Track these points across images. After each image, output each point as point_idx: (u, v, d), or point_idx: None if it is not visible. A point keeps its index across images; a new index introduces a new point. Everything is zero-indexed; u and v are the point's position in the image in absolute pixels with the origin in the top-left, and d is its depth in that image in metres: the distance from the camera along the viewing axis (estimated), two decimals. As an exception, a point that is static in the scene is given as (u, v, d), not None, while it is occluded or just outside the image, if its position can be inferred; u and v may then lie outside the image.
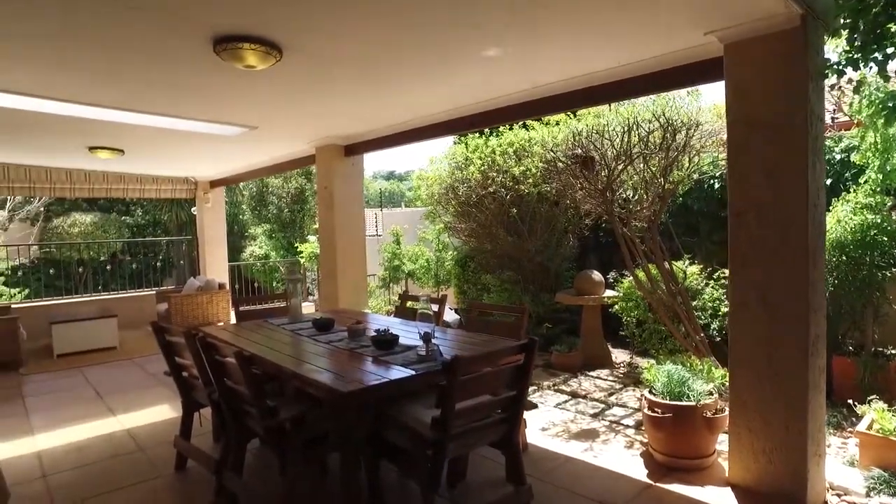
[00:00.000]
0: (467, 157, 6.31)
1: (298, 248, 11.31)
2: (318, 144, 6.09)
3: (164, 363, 5.97)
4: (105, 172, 8.44)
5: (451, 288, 10.29)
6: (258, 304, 4.83)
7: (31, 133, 5.60)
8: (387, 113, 4.96)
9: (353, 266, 6.06)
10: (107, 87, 4.00)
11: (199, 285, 8.10)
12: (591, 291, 6.00)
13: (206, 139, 5.90)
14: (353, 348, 3.19)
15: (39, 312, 7.81)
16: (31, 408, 4.90)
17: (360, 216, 6.25)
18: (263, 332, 3.79)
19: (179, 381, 3.49)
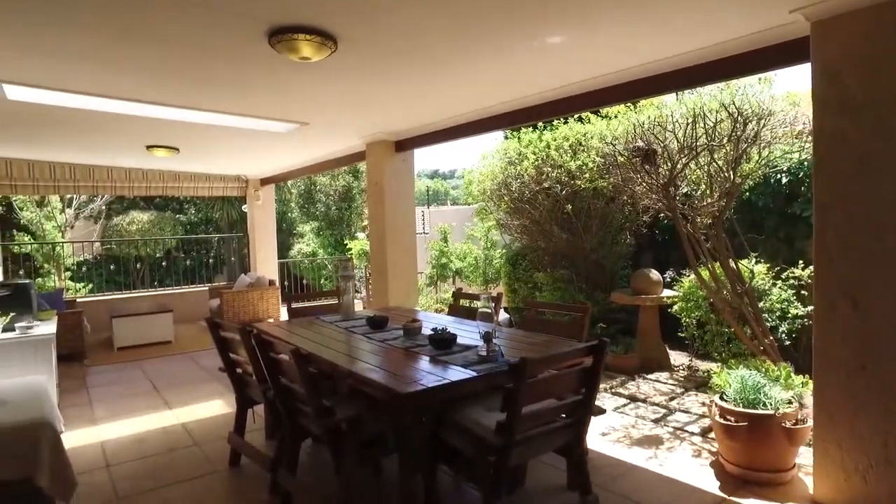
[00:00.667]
0: (520, 152, 6.14)
1: (347, 246, 11.37)
2: (369, 140, 6.04)
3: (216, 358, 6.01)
4: (161, 171, 8.67)
5: (499, 286, 10.15)
6: (309, 300, 4.80)
7: (95, 133, 5.76)
8: (439, 107, 4.86)
9: (404, 263, 5.99)
10: (164, 85, 4.04)
11: (249, 282, 8.22)
12: (649, 291, 5.75)
13: (258, 136, 5.94)
14: (409, 347, 3.09)
15: (101, 307, 8.08)
16: (94, 398, 5.04)
17: (411, 212, 6.17)
18: (316, 330, 3.74)
19: (234, 377, 3.48)
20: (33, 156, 7.58)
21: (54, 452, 2.95)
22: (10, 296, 4.02)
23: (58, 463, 2.95)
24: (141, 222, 14.83)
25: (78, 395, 5.12)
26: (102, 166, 8.23)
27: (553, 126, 6.15)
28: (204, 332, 8.05)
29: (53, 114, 4.87)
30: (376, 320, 3.63)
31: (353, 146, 6.51)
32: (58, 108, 4.61)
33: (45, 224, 11.69)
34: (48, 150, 7.16)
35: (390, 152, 6.00)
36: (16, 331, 3.92)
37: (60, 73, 3.73)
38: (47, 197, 11.74)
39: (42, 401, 3.32)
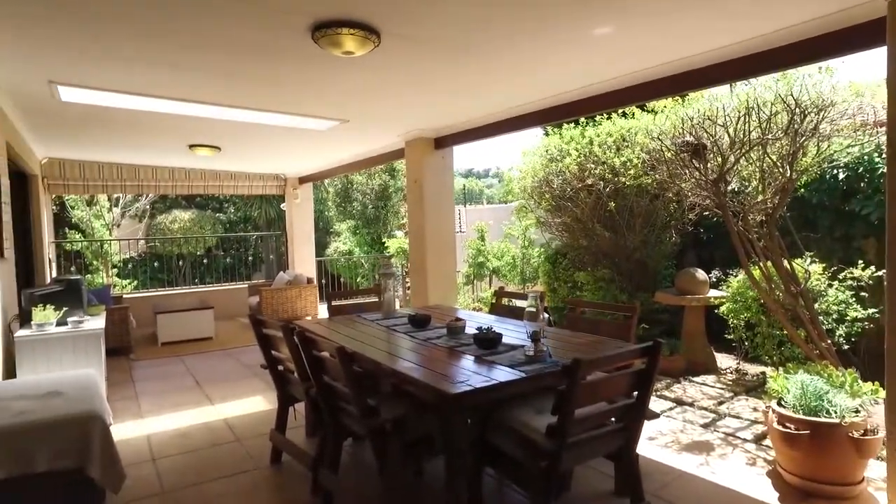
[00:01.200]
0: (562, 148, 6.01)
1: (385, 244, 11.39)
2: (408, 138, 6.01)
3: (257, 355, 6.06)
4: (202, 170, 8.83)
5: (537, 285, 10.01)
6: (350, 298, 4.79)
7: (142, 132, 5.89)
8: (480, 102, 4.78)
9: (443, 261, 5.94)
10: (209, 84, 4.07)
11: (288, 279, 8.29)
12: (695, 291, 5.56)
13: (298, 134, 5.97)
14: (453, 346, 3.03)
15: (145, 303, 8.28)
16: (140, 392, 5.14)
17: (450, 210, 6.12)
18: (358, 328, 3.72)
19: (275, 374, 3.48)
20: (84, 156, 7.82)
21: (105, 444, 2.99)
22: (63, 291, 4.12)
23: (108, 455, 2.99)
24: (182, 221, 15.18)
25: (125, 389, 5.24)
26: (147, 166, 8.44)
27: (595, 121, 6.00)
28: (243, 328, 8.17)
29: (103, 114, 4.99)
30: (419, 319, 3.58)
31: (392, 144, 6.49)
32: (108, 108, 4.72)
33: (94, 222, 12.07)
34: (97, 151, 7.37)
35: (429, 149, 5.95)
36: (68, 325, 4.01)
37: (112, 74, 3.81)
38: (96, 196, 12.12)
39: (93, 394, 3.38)
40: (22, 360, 3.85)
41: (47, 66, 3.72)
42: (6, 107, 4.60)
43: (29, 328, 3.98)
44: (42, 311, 3.92)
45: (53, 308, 3.97)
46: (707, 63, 3.57)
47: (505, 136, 5.70)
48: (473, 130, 5.58)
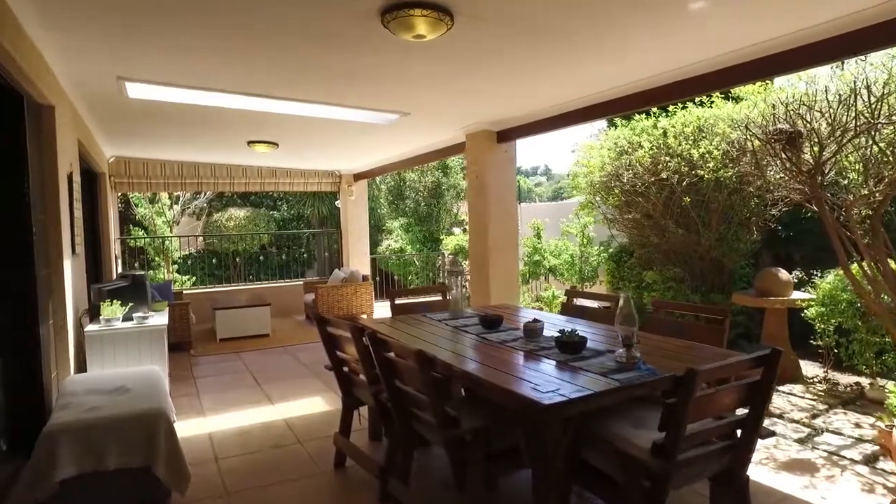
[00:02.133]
0: (632, 140, 5.67)
1: (442, 241, 11.23)
2: (469, 131, 5.80)
3: (314, 354, 5.97)
4: (259, 167, 8.88)
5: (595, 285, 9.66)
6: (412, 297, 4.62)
7: (203, 129, 5.90)
8: (550, 92, 4.52)
9: (506, 259, 5.70)
10: (273, 77, 3.99)
11: (343, 277, 8.23)
12: (777, 292, 5.14)
13: (357, 129, 5.86)
14: (532, 350, 2.80)
15: (204, 298, 8.38)
16: (201, 388, 5.12)
17: (513, 206, 5.88)
18: (425, 328, 3.53)
19: (340, 376, 3.33)
20: (147, 155, 7.97)
21: (170, 443, 2.92)
22: (129, 287, 4.12)
23: (173, 453, 2.92)
24: (238, 218, 15.45)
25: (186, 385, 5.23)
26: (207, 163, 8.54)
27: (669, 112, 5.63)
28: (299, 326, 8.15)
29: (167, 111, 5.00)
30: (490, 319, 3.37)
31: (452, 138, 6.30)
32: (171, 104, 4.71)
33: (156, 219, 12.40)
34: (160, 149, 7.49)
35: (491, 143, 5.73)
36: (133, 320, 4.00)
37: (177, 67, 3.78)
38: (158, 194, 12.45)
39: (158, 391, 3.33)
40: (91, 354, 3.85)
41: (116, 62, 3.71)
42: (78, 105, 4.65)
43: (97, 323, 3.98)
44: (109, 305, 3.91)
45: (120, 303, 3.96)
46: (799, 44, 3.22)
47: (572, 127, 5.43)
48: (539, 123, 5.32)
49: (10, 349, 3.28)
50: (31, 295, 3.30)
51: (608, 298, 4.06)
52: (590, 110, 4.80)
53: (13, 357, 3.29)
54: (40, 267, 3.40)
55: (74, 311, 4.01)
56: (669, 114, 5.60)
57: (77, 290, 4.11)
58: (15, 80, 3.03)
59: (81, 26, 3.02)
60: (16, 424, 3.31)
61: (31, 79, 3.10)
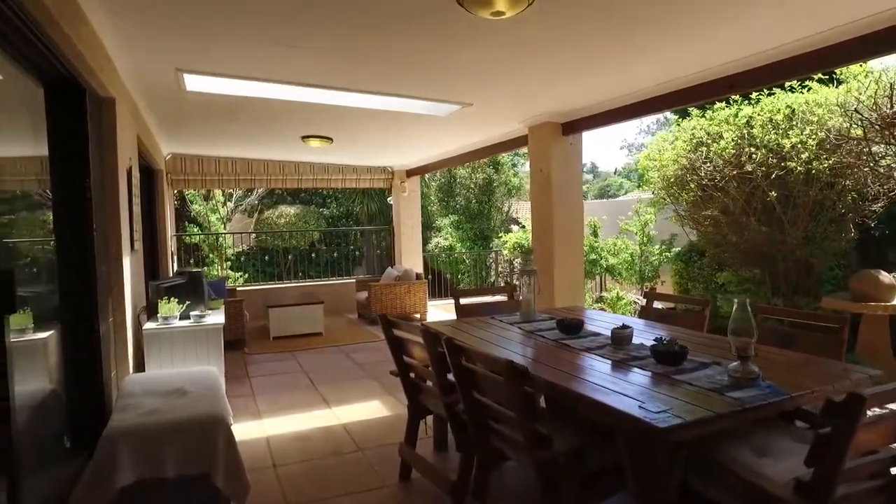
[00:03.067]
0: (710, 131, 5.25)
1: (501, 238, 10.96)
2: (532, 123, 5.50)
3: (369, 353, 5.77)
4: (311, 164, 8.80)
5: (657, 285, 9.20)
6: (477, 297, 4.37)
7: (258, 123, 5.81)
8: (621, 80, 4.18)
9: (571, 258, 5.38)
10: (331, 66, 3.81)
11: (397, 275, 8.05)
12: (877, 297, 4.64)
13: (414, 122, 5.65)
14: (623, 360, 2.50)
15: (256, 296, 8.36)
16: (256, 389, 5.01)
17: (579, 202, 5.55)
18: (496, 332, 3.27)
19: (407, 382, 3.10)
20: (202, 151, 7.99)
21: (229, 450, 2.76)
22: (185, 284, 4.02)
23: (232, 461, 2.76)
24: (288, 216, 15.56)
25: (241, 385, 5.13)
26: (260, 160, 8.52)
27: (751, 99, 5.18)
28: (352, 324, 8.02)
29: (224, 104, 4.91)
30: (569, 323, 3.08)
31: (512, 131, 6.01)
32: (228, 97, 4.61)
33: (210, 216, 12.57)
34: (215, 146, 7.48)
35: (556, 135, 5.41)
36: (190, 319, 3.89)
37: (236, 56, 3.65)
38: (212, 191, 12.62)
39: (215, 393, 3.18)
40: (149, 352, 3.75)
41: (175, 53, 3.62)
42: (137, 99, 4.59)
43: (155, 321, 3.89)
44: (167, 303, 3.81)
45: (177, 301, 3.85)
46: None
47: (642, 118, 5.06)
48: (608, 113, 4.97)
49: (71, 347, 3.20)
50: (91, 292, 3.21)
51: (695, 302, 3.70)
52: (665, 99, 4.43)
53: (75, 355, 3.21)
54: (100, 263, 3.30)
55: (133, 309, 3.93)
56: (752, 101, 5.15)
57: (135, 287, 4.04)
58: (78, 71, 2.93)
59: (143, 10, 2.90)
60: (78, 422, 3.23)
61: (93, 70, 3.00)
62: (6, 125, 2.94)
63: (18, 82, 2.81)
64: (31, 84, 2.91)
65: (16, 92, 2.93)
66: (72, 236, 3.14)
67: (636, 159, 6.63)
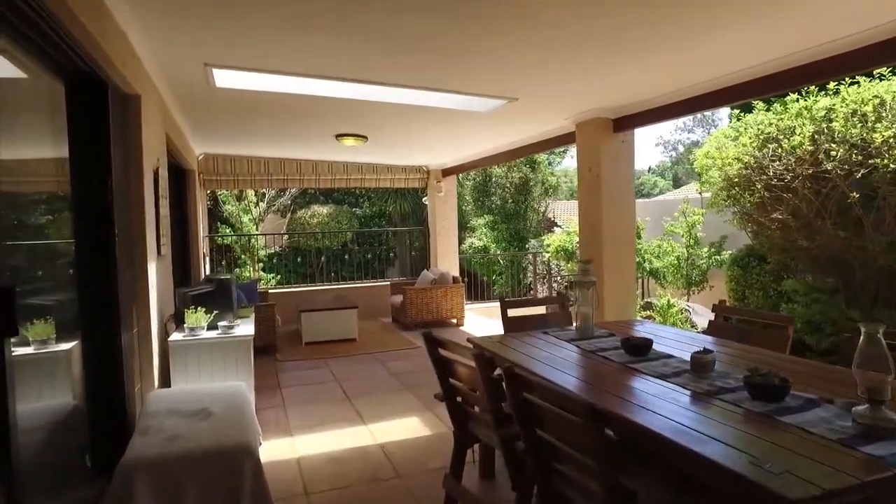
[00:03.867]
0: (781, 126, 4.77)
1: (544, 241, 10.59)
2: (581, 119, 5.12)
3: (404, 362, 5.47)
4: (345, 163, 8.57)
5: (703, 290, 8.72)
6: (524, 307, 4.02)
7: (291, 121, 5.58)
8: (681, 71, 3.79)
9: (622, 265, 4.99)
10: (368, 58, 3.52)
11: (433, 278, 7.75)
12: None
13: (454, 119, 5.33)
14: (710, 392, 2.13)
15: (288, 298, 8.16)
16: (287, 399, 4.76)
17: (631, 204, 5.15)
18: (551, 351, 2.92)
19: (453, 407, 2.78)
20: (234, 151, 7.83)
21: (256, 483, 2.48)
22: (214, 292, 3.77)
23: (260, 496, 2.48)
24: (321, 215, 15.44)
25: (272, 395, 4.89)
26: (292, 159, 8.32)
27: (828, 90, 4.68)
28: (386, 329, 7.75)
29: (255, 101, 4.69)
30: (636, 343, 2.71)
31: (558, 128, 5.63)
32: (260, 93, 4.37)
33: (242, 217, 12.48)
34: (247, 145, 7.30)
35: (607, 132, 5.02)
36: (218, 329, 3.65)
37: (267, 49, 3.39)
38: (244, 191, 12.53)
39: (243, 416, 2.91)
40: (175, 364, 3.52)
41: (203, 47, 3.39)
42: (166, 97, 4.39)
43: (181, 331, 3.66)
44: (193, 313, 3.57)
45: (204, 311, 3.61)
46: None
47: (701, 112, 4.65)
48: (663, 109, 4.56)
49: (92, 359, 2.97)
50: (112, 300, 2.98)
51: (776, 318, 3.29)
52: (731, 91, 4.01)
53: (96, 368, 2.98)
54: (123, 270, 3.07)
55: (159, 318, 3.71)
56: (829, 92, 4.65)
57: (162, 294, 3.82)
58: (99, 66, 2.70)
59: (168, 2, 2.67)
60: (100, 440, 3.01)
61: (116, 65, 2.76)
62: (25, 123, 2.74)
63: (37, 78, 2.60)
64: (51, 79, 2.69)
65: (34, 88, 2.73)
66: (92, 240, 2.91)
67: (693, 157, 6.17)
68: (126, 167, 3.32)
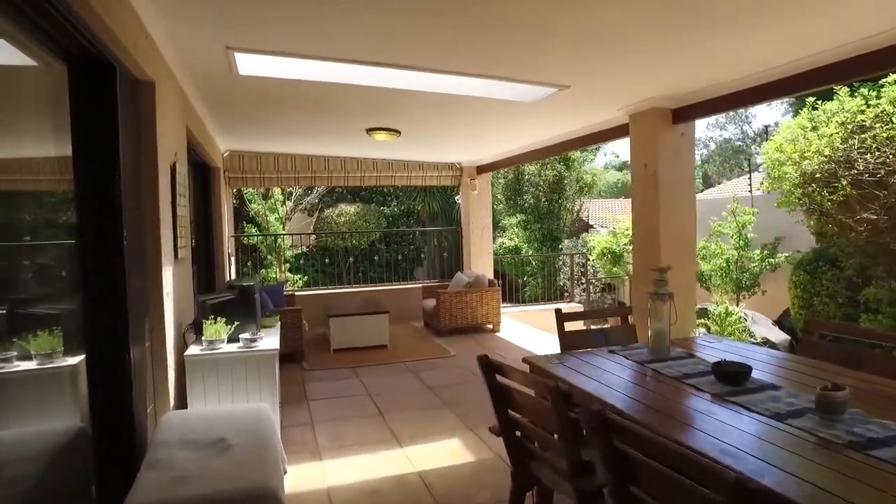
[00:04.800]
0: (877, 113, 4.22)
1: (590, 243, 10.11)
2: (636, 110, 4.64)
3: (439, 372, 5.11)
4: (375, 160, 8.21)
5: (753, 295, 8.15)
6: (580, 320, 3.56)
7: (318, 114, 5.22)
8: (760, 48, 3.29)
9: (682, 273, 4.47)
10: (406, 39, 3.11)
11: (467, 281, 7.32)
12: None
13: (495, 111, 4.90)
14: (856, 445, 1.66)
15: (315, 301, 7.82)
16: (315, 415, 4.39)
17: (691, 204, 4.65)
18: (623, 375, 2.48)
19: (512, 444, 2.35)
20: (261, 148, 7.53)
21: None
22: (235, 301, 3.40)
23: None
24: (348, 214, 15.14)
25: (299, 410, 4.53)
26: (320, 156, 8.00)
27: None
28: (419, 335, 7.34)
29: (281, 92, 4.33)
30: (731, 371, 2.25)
31: (608, 120, 5.15)
32: (286, 82, 4.01)
33: (269, 216, 12.22)
34: (274, 141, 6.98)
35: (666, 124, 4.53)
36: (239, 342, 3.28)
37: (293, 34, 3.03)
38: (271, 190, 12.26)
39: (266, 445, 2.53)
40: (191, 383, 3.17)
41: (225, 28, 3.04)
42: (187, 87, 4.05)
43: (199, 343, 3.30)
44: (213, 324, 3.21)
45: (225, 321, 3.25)
46: None
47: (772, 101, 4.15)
48: (727, 97, 4.07)
49: (99, 377, 2.63)
50: (119, 311, 2.62)
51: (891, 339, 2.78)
52: (816, 74, 3.50)
53: (103, 387, 2.64)
54: (133, 276, 2.72)
55: (176, 328, 3.36)
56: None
57: (180, 302, 3.47)
58: (104, 45, 2.33)
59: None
60: (107, 467, 2.67)
61: (123, 44, 2.40)
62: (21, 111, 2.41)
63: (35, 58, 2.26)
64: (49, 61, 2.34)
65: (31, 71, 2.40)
66: (97, 244, 2.56)
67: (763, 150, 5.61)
68: (138, 162, 2.97)
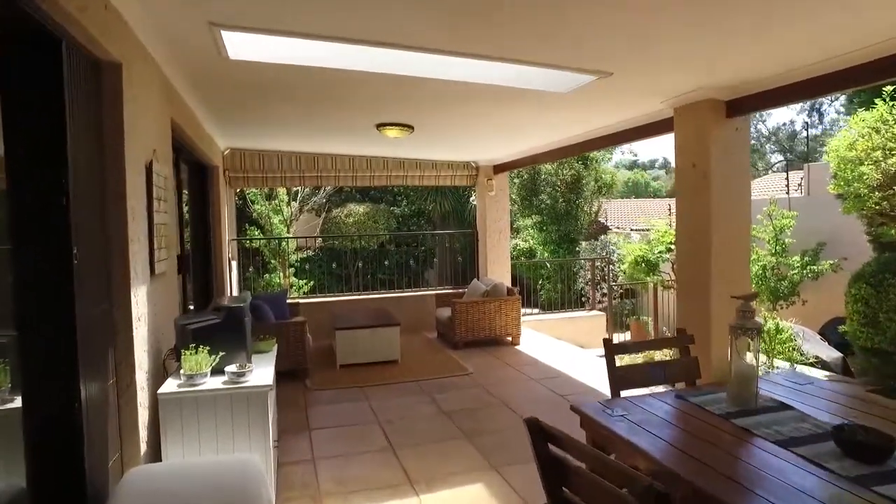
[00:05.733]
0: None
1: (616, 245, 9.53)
2: (682, 102, 4.07)
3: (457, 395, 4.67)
4: (385, 158, 7.69)
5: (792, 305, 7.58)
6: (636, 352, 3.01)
7: (323, 107, 4.70)
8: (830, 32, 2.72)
9: (735, 286, 3.89)
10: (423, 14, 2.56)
11: (484, 289, 6.76)
12: None
13: (522, 102, 4.36)
14: None
15: (321, 309, 7.32)
16: (317, 449, 3.86)
17: (746, 209, 4.07)
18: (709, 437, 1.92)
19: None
20: (263, 145, 7.03)
21: None
22: (221, 325, 2.87)
23: None
24: (357, 214, 14.64)
25: (300, 440, 4.00)
26: (327, 154, 7.49)
27: None
28: (432, 348, 6.79)
29: (280, 81, 3.82)
30: (864, 443, 1.68)
31: (650, 113, 4.57)
32: (285, 69, 3.49)
33: (272, 217, 11.70)
34: (276, 138, 6.47)
35: (718, 117, 3.95)
36: (225, 375, 2.74)
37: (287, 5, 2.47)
38: (275, 190, 11.75)
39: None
40: (166, 427, 2.64)
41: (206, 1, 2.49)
42: (172, 74, 3.53)
43: (177, 377, 2.77)
44: (192, 354, 2.68)
45: (208, 350, 2.71)
46: None
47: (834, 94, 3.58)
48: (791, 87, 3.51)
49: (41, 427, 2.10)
50: (69, 343, 2.09)
51: None
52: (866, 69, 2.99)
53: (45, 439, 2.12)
54: (87, 302, 2.19)
55: (153, 358, 2.85)
56: None
57: (158, 327, 2.95)
58: (36, 6, 1.79)
59: None
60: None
61: (69, 11, 1.87)
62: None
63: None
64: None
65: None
66: (36, 266, 2.04)
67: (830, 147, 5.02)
68: (101, 162, 2.45)
